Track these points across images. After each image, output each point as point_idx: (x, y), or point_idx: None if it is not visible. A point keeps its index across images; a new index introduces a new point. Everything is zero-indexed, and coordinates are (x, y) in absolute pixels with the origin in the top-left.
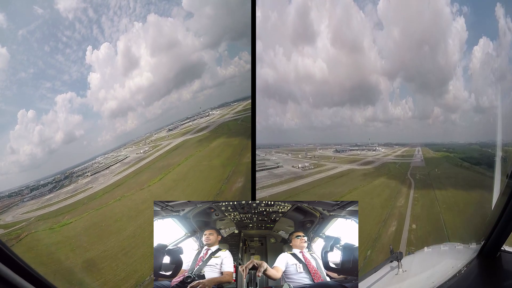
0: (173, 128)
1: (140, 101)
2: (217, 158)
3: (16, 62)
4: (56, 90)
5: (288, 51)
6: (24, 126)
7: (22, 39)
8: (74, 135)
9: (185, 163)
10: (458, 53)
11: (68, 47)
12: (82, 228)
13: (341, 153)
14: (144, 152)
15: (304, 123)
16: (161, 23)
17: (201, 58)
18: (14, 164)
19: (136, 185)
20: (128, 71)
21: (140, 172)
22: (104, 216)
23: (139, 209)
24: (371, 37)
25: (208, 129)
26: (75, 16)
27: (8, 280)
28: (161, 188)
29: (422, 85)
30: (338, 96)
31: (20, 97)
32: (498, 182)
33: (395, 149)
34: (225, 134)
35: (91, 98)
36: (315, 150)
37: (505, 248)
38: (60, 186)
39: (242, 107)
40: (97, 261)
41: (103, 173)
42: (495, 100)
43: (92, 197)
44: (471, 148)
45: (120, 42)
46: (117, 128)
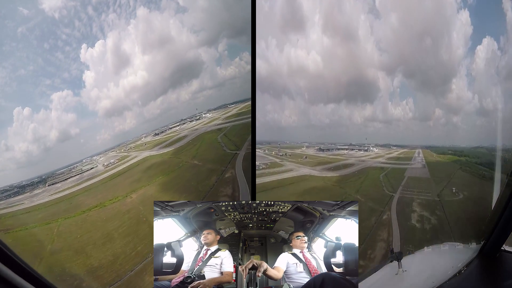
0: (159, 132)
1: (135, 100)
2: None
3: (16, 59)
4: (54, 88)
5: (281, 42)
6: (20, 124)
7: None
8: (70, 133)
9: (100, 210)
10: (462, 48)
11: (58, 47)
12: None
13: (325, 152)
14: (106, 165)
15: (302, 121)
16: (155, 18)
17: (198, 57)
18: (10, 161)
19: (50, 216)
20: (123, 69)
21: (73, 197)
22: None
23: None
24: (368, 29)
25: (183, 141)
26: (61, 15)
27: (8, 280)
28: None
29: (423, 82)
30: (334, 92)
31: (18, 94)
32: (498, 182)
33: (391, 151)
34: (194, 157)
35: (85, 97)
36: (301, 147)
37: (505, 248)
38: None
39: (237, 110)
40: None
41: (57, 186)
42: (499, 103)
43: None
44: (478, 151)
45: (115, 40)
46: (116, 127)
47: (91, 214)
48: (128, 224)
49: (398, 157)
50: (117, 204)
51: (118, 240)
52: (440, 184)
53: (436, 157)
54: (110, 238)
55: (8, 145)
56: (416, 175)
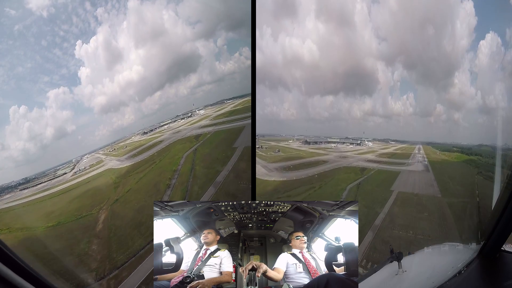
0: (148, 131)
1: (132, 95)
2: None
3: (13, 57)
4: (52, 85)
5: (275, 31)
6: (16, 122)
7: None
8: (66, 130)
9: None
10: (466, 39)
11: (56, 44)
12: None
13: (310, 145)
14: (73, 174)
15: (301, 114)
16: (147, 9)
17: (195, 50)
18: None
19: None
20: (117, 64)
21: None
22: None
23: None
24: (366, 15)
25: (151, 151)
26: (49, 12)
27: (8, 280)
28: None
29: (424, 75)
30: (331, 83)
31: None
32: (498, 182)
33: (388, 146)
34: (135, 190)
35: (81, 94)
36: (288, 140)
37: (505, 248)
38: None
39: (231, 107)
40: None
41: (22, 192)
42: (503, 101)
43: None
44: (483, 149)
45: (107, 35)
46: (114, 122)
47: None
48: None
49: (393, 153)
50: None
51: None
52: (463, 220)
53: (441, 155)
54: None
55: (4, 143)
56: (413, 186)
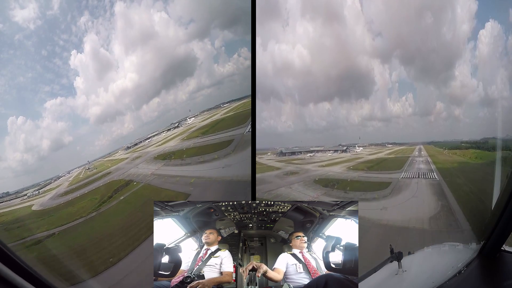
0: (132, 145)
1: (128, 104)
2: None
3: (14, 67)
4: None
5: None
6: (14, 133)
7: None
8: (63, 141)
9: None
10: (468, 23)
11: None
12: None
13: (283, 157)
14: (41, 192)
15: (299, 126)
16: (135, 11)
17: (190, 52)
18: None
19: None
20: (110, 73)
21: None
22: None
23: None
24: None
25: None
26: (36, 25)
27: (8, 280)
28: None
29: (423, 69)
30: (324, 89)
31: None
32: (498, 182)
33: (382, 149)
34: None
35: (77, 104)
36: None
37: (505, 248)
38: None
39: (225, 111)
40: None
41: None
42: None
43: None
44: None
45: (95, 44)
46: (113, 132)
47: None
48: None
49: (385, 158)
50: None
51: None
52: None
53: (451, 155)
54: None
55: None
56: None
